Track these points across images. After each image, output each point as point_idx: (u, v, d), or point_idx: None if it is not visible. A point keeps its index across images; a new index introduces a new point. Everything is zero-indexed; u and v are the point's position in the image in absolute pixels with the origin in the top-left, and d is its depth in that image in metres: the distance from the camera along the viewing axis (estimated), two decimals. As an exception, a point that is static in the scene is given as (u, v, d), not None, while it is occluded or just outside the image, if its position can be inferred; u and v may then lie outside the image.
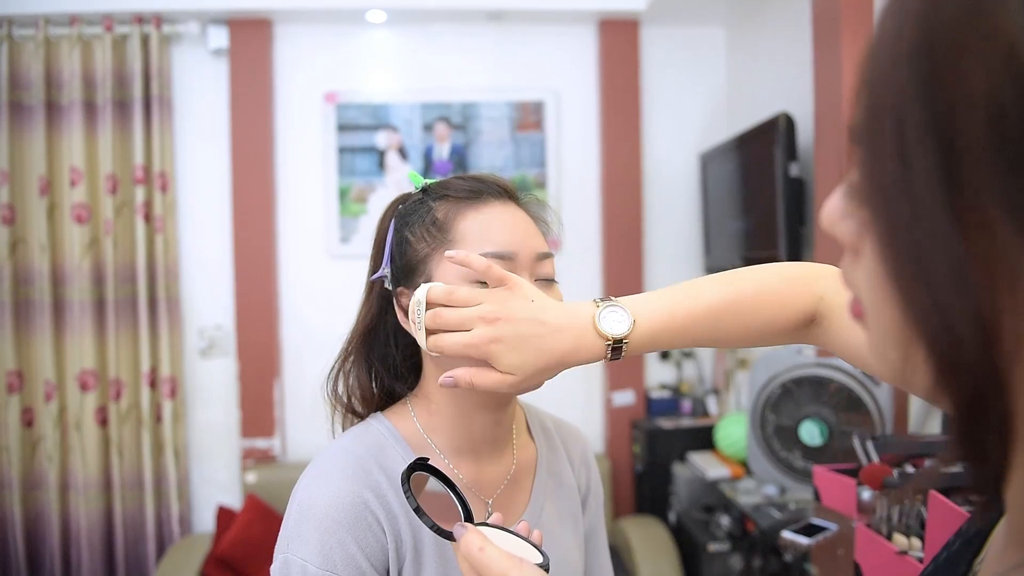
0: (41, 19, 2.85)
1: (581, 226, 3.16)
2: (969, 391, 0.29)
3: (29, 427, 2.91)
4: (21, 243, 2.90)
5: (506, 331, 0.70)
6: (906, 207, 0.29)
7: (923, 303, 0.30)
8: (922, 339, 0.31)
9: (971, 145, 0.27)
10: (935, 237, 0.29)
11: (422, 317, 0.74)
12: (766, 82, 2.83)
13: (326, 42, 3.08)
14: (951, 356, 0.29)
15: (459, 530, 0.66)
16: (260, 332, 3.02)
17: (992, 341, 0.28)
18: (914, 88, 0.29)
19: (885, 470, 1.52)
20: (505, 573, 0.61)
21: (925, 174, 0.28)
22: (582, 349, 0.71)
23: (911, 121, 0.29)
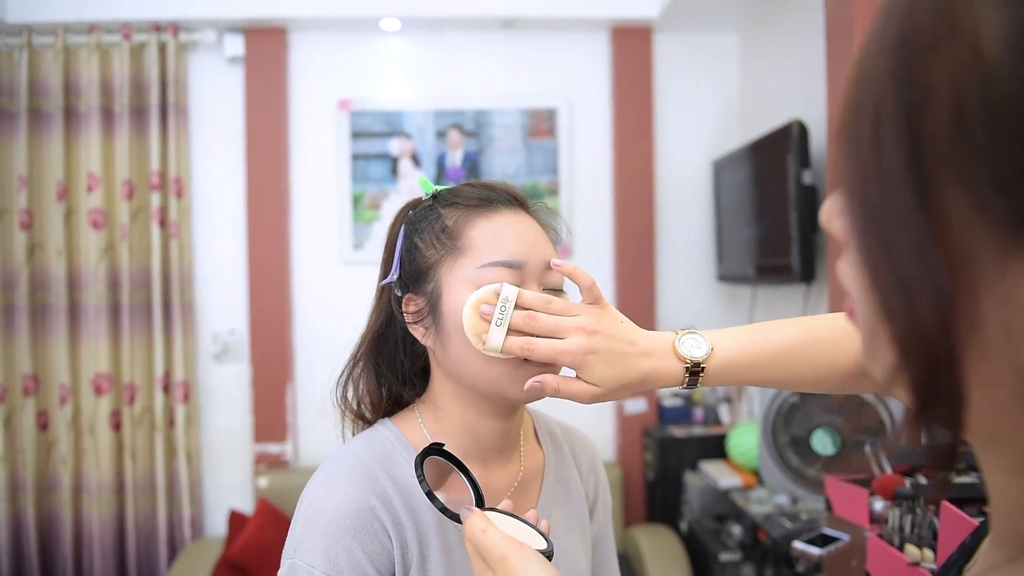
0: (60, 27, 2.89)
1: (593, 233, 3.16)
2: (926, 366, 0.31)
3: (44, 430, 2.93)
4: (38, 248, 2.93)
5: (601, 345, 0.73)
6: (877, 190, 0.32)
7: (887, 280, 0.32)
8: (885, 314, 0.33)
9: (936, 134, 0.29)
10: (901, 218, 0.31)
11: (507, 316, 0.74)
12: (779, 89, 2.82)
13: (340, 50, 3.11)
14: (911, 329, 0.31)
15: (465, 512, 0.68)
16: (273, 337, 3.03)
17: (950, 316, 0.30)
18: (890, 80, 0.31)
19: (897, 480, 1.50)
20: (506, 556, 0.62)
21: (895, 159, 0.31)
22: (663, 371, 0.74)
23: (886, 111, 0.31)
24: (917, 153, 0.30)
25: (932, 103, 0.29)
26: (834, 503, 1.69)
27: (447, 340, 0.81)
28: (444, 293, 0.80)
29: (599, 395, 0.73)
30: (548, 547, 0.68)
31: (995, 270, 0.29)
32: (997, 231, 0.29)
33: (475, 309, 0.76)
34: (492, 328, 0.75)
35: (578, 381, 0.74)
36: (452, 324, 0.79)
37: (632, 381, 0.74)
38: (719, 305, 3.22)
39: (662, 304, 3.19)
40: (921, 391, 0.32)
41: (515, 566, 0.62)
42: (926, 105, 0.30)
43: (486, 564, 0.64)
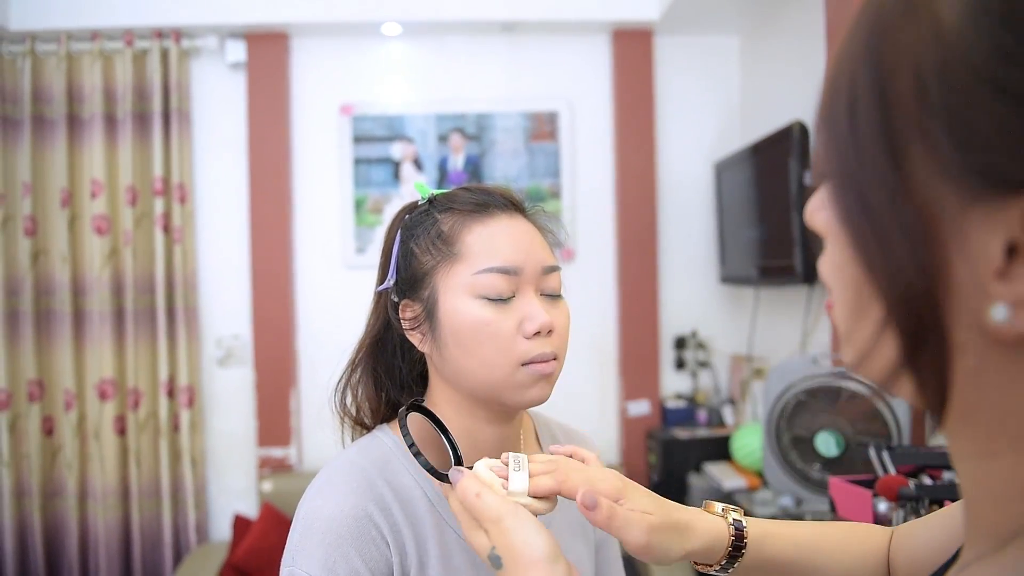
0: (63, 35, 2.90)
1: (595, 235, 3.16)
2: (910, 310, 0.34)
3: (49, 436, 2.94)
4: (42, 254, 2.94)
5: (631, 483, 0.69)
6: (854, 158, 0.35)
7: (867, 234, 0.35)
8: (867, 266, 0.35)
9: (902, 101, 0.32)
10: (876, 178, 0.34)
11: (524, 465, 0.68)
12: (780, 90, 2.82)
13: (342, 55, 3.11)
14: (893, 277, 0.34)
15: (455, 474, 0.67)
16: (277, 342, 3.04)
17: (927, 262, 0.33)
18: (863, 60, 0.34)
19: (901, 481, 1.50)
20: (501, 518, 0.62)
21: (868, 128, 0.34)
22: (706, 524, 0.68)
23: (860, 87, 0.34)
24: (887, 120, 0.33)
25: (898, 74, 0.32)
26: (838, 504, 1.69)
27: (444, 346, 0.80)
28: (440, 299, 0.80)
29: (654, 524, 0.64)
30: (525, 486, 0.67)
31: (957, 225, 0.32)
32: (958, 185, 0.31)
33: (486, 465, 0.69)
34: (511, 473, 0.68)
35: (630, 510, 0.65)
36: (449, 331, 0.79)
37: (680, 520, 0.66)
38: (722, 307, 3.22)
39: (665, 306, 3.19)
40: (908, 337, 0.34)
41: (511, 527, 0.61)
42: (893, 77, 0.33)
43: (476, 523, 0.64)
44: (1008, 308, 0.31)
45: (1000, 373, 0.34)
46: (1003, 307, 0.31)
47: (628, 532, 0.64)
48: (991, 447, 0.36)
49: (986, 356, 0.33)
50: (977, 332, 0.33)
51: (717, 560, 0.68)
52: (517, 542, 0.61)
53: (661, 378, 3.18)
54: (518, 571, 0.61)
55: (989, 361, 0.33)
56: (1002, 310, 0.31)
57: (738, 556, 0.68)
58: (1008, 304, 0.31)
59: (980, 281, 0.32)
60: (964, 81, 0.30)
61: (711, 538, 0.67)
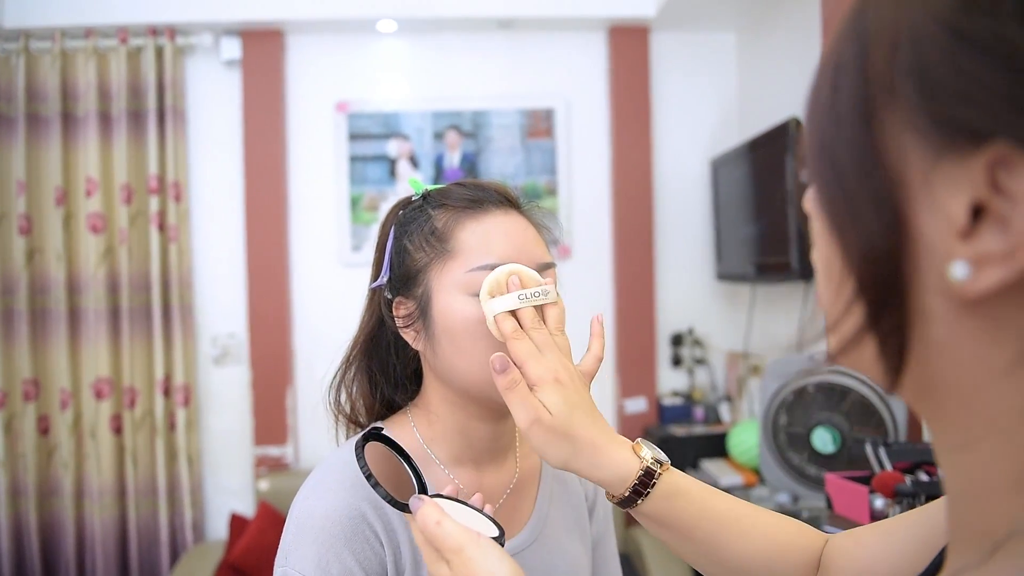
0: (57, 32, 2.89)
1: (592, 232, 3.16)
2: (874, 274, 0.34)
3: (45, 435, 2.93)
4: (38, 252, 2.93)
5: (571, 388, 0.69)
6: (832, 125, 0.35)
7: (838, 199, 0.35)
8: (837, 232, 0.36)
9: (878, 67, 0.33)
10: (849, 144, 0.34)
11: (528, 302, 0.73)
12: (777, 87, 2.82)
13: (337, 52, 3.11)
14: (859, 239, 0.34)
15: (415, 503, 0.65)
16: (273, 340, 3.03)
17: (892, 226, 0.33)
18: (849, 36, 0.35)
19: (897, 477, 1.50)
20: (462, 548, 0.60)
21: (847, 96, 0.34)
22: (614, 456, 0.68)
23: (844, 59, 0.35)
24: (864, 88, 0.34)
25: (877, 43, 0.33)
26: (835, 501, 1.69)
27: (438, 344, 0.80)
28: (434, 297, 0.79)
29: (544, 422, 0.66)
30: (499, 534, 0.66)
31: (924, 182, 0.32)
32: (925, 140, 0.31)
33: (508, 274, 0.74)
34: (511, 295, 0.73)
35: (534, 396, 0.68)
36: (443, 328, 0.79)
37: (583, 437, 0.67)
38: (719, 304, 3.22)
39: (662, 303, 3.18)
40: (871, 299, 0.34)
41: (472, 556, 0.60)
42: (873, 46, 0.33)
43: (438, 555, 0.62)
44: (968, 265, 0.31)
45: (969, 343, 0.33)
46: (963, 264, 0.31)
47: (515, 413, 0.67)
48: (969, 434, 0.35)
49: (955, 326, 0.33)
50: (944, 299, 0.32)
51: (615, 495, 0.68)
52: (479, 571, 0.59)
53: (658, 375, 3.18)
54: None
55: (958, 332, 0.33)
56: (962, 267, 0.31)
57: (636, 500, 0.67)
58: (968, 261, 0.31)
59: (945, 242, 0.31)
60: (930, 33, 0.30)
61: (612, 473, 0.67)
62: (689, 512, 0.68)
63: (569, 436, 0.66)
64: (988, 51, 0.29)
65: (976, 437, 0.35)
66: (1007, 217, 0.29)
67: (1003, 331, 0.32)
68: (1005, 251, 0.29)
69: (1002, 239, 0.30)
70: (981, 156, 0.29)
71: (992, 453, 0.34)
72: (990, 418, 0.34)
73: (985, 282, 0.30)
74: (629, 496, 0.67)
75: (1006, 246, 0.29)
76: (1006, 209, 0.29)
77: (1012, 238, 0.29)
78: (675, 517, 0.68)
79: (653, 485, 0.67)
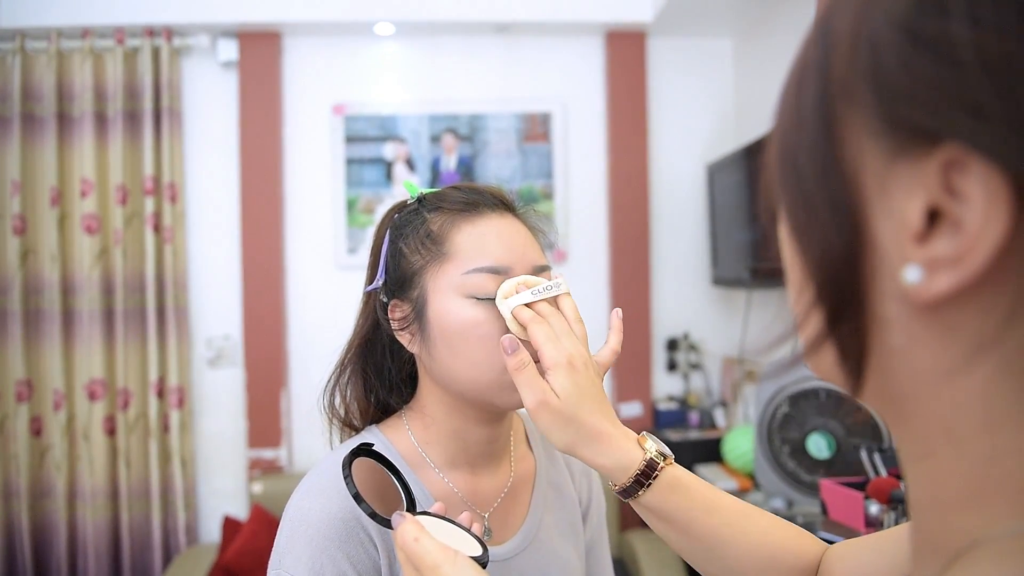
0: (54, 32, 2.88)
1: (588, 237, 3.16)
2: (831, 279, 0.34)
3: (37, 436, 2.92)
4: (32, 253, 2.92)
5: (585, 375, 0.70)
6: (794, 127, 0.35)
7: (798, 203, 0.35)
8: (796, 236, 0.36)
9: (838, 69, 0.33)
10: (810, 147, 0.34)
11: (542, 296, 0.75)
12: (773, 93, 2.79)
13: (334, 54, 3.10)
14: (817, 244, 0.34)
15: (396, 519, 0.65)
16: (268, 342, 3.03)
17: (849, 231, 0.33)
18: (816, 35, 0.35)
19: (892, 483, 1.50)
20: (438, 565, 0.60)
21: (810, 98, 0.34)
22: (618, 445, 0.69)
23: (811, 58, 0.35)
24: (825, 90, 0.33)
25: (839, 44, 0.33)
26: (830, 506, 1.69)
27: (433, 347, 0.80)
28: (430, 300, 0.79)
29: (551, 405, 0.68)
30: (483, 554, 0.66)
31: (880, 185, 0.32)
32: (880, 142, 0.31)
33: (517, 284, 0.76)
34: (525, 292, 0.75)
35: (542, 379, 0.70)
36: (438, 331, 0.79)
37: (587, 425, 0.68)
38: (714, 309, 3.22)
39: (657, 308, 3.19)
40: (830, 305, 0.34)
41: (447, 575, 0.60)
42: (835, 47, 0.33)
43: (418, 573, 0.62)
44: (921, 269, 0.30)
45: (925, 349, 0.32)
46: (915, 268, 0.30)
47: (522, 394, 0.69)
48: (927, 444, 0.34)
49: (912, 332, 0.32)
50: (902, 304, 0.32)
51: (617, 484, 0.70)
52: None
53: (653, 380, 3.18)
54: None
55: (916, 338, 0.32)
56: (915, 271, 0.30)
57: (637, 490, 0.69)
58: (921, 265, 0.30)
59: (901, 247, 0.31)
60: (886, 36, 0.30)
61: (616, 462, 0.69)
62: (689, 507, 0.69)
63: (575, 421, 0.68)
64: (939, 52, 0.28)
65: (933, 448, 0.34)
66: (960, 219, 0.29)
67: (956, 337, 0.31)
68: (957, 254, 0.29)
69: (955, 242, 0.29)
70: (934, 158, 0.29)
71: (948, 464, 0.34)
72: (946, 427, 0.33)
73: (938, 286, 0.30)
74: (631, 486, 0.68)
75: (959, 249, 0.29)
76: (960, 211, 0.29)
77: (964, 241, 0.29)
78: (675, 511, 0.69)
79: (655, 477, 0.68)
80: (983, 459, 0.32)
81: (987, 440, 0.32)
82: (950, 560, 0.34)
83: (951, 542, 0.34)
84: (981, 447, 0.32)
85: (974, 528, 0.33)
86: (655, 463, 0.69)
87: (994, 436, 0.32)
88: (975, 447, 0.32)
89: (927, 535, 0.36)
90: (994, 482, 0.32)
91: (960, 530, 0.34)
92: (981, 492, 0.33)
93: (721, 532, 0.69)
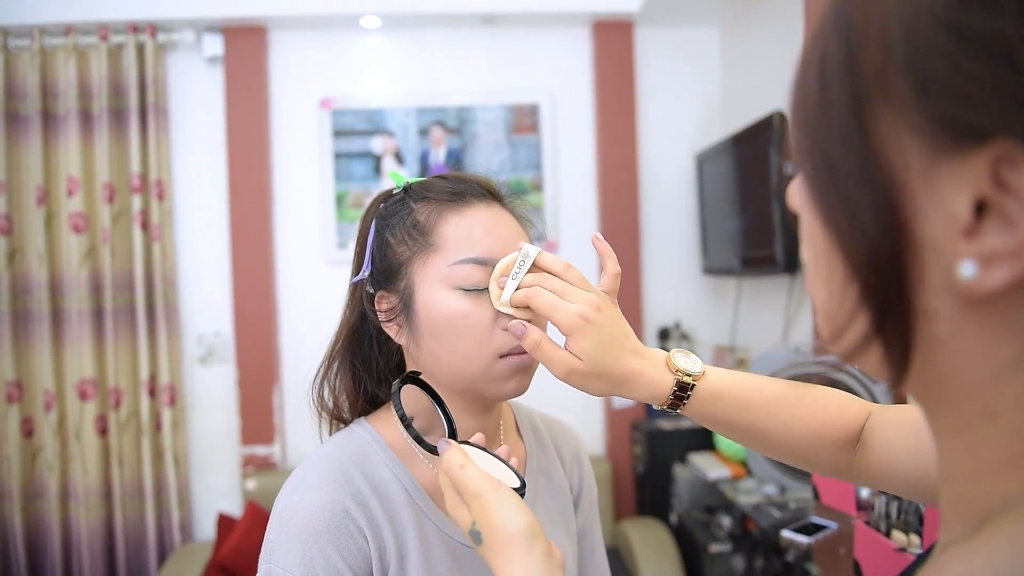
0: (36, 29, 2.86)
1: (578, 227, 3.16)
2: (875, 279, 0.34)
3: (29, 437, 2.91)
4: (19, 253, 2.90)
5: (602, 322, 0.71)
6: (824, 127, 0.35)
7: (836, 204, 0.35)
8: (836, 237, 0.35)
9: (870, 67, 0.32)
10: (844, 146, 0.34)
11: (523, 272, 0.74)
12: (760, 81, 2.83)
13: (321, 48, 3.09)
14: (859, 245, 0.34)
15: (443, 446, 0.67)
16: (259, 338, 3.02)
17: (892, 228, 0.33)
18: (833, 34, 0.34)
19: (883, 467, 1.51)
20: (482, 493, 0.63)
21: (838, 96, 0.34)
22: (650, 377, 0.72)
23: (831, 59, 0.34)
24: (856, 86, 0.33)
25: (866, 39, 0.32)
26: (822, 492, 1.70)
27: (420, 338, 0.79)
28: (416, 291, 0.79)
29: (578, 370, 0.70)
30: (521, 484, 0.68)
31: (926, 185, 0.31)
32: (923, 139, 0.31)
33: (499, 273, 0.76)
34: (508, 282, 0.75)
35: (561, 348, 0.71)
36: (425, 322, 0.78)
37: (616, 373, 0.70)
38: (705, 298, 3.23)
39: (648, 298, 3.19)
40: (877, 304, 0.34)
41: (491, 503, 0.62)
42: (862, 43, 0.33)
43: (460, 498, 0.64)
44: (976, 264, 0.30)
45: (972, 340, 0.33)
46: (971, 263, 0.31)
47: (549, 367, 0.71)
48: (965, 420, 0.35)
49: (958, 323, 0.33)
50: (948, 297, 0.32)
51: (657, 404, 0.74)
52: (497, 518, 0.61)
53: (645, 369, 3.18)
54: (497, 547, 0.61)
55: (961, 329, 0.33)
56: (970, 266, 0.31)
57: (676, 407, 0.73)
58: (976, 260, 0.30)
59: (950, 241, 0.31)
60: (926, 31, 0.30)
61: (650, 393, 0.72)
62: (728, 411, 0.73)
63: (604, 374, 0.70)
64: (988, 49, 0.28)
65: (970, 423, 0.35)
66: (1012, 214, 0.29)
67: (1006, 327, 0.32)
68: (1014, 248, 0.29)
69: (1009, 236, 0.29)
70: (984, 154, 0.29)
71: (984, 437, 0.35)
72: (985, 406, 0.34)
73: (994, 280, 0.30)
74: (669, 407, 0.73)
75: (1014, 243, 0.29)
76: (1011, 206, 0.29)
77: (1020, 235, 0.29)
78: (716, 416, 0.74)
79: (688, 396, 0.72)
80: (1020, 431, 0.33)
81: None
82: (980, 522, 0.35)
83: (984, 505, 0.35)
84: (1018, 421, 0.33)
85: (1008, 491, 0.34)
86: (684, 384, 0.72)
87: None
88: (1012, 421, 0.33)
89: (958, 501, 0.37)
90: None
91: (993, 494, 0.35)
92: (1016, 460, 0.34)
93: (760, 425, 0.73)
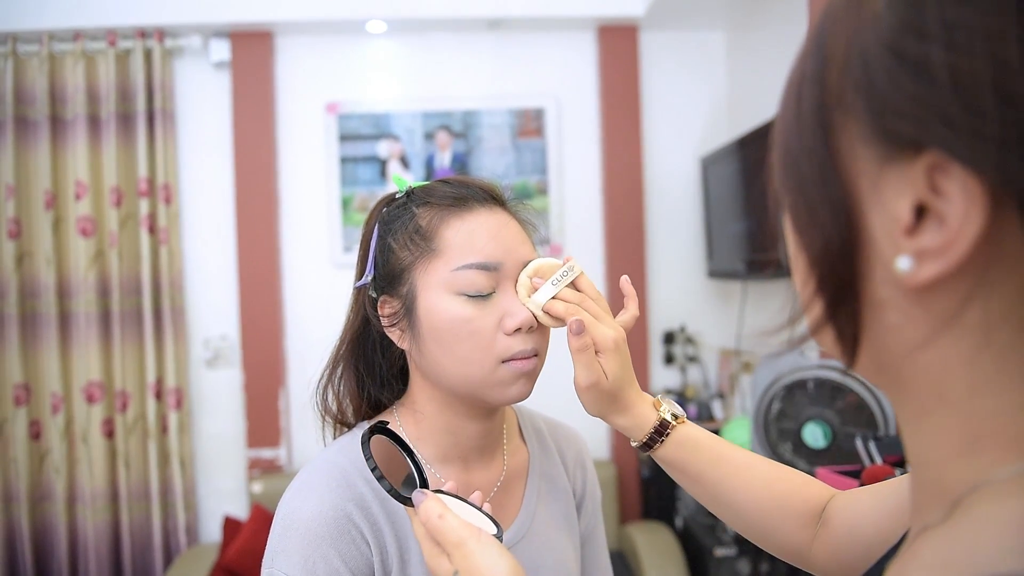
0: (45, 35, 2.88)
1: (583, 231, 3.16)
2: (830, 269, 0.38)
3: (36, 440, 2.92)
4: (27, 256, 2.92)
5: (625, 352, 0.79)
6: (795, 134, 0.39)
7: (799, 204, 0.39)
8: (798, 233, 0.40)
9: (834, 81, 0.37)
10: (809, 152, 0.38)
11: (562, 284, 0.79)
12: (766, 85, 2.83)
13: (327, 53, 3.10)
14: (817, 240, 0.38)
15: (419, 496, 0.66)
16: (265, 342, 3.03)
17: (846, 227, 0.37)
18: (813, 46, 0.38)
19: (888, 471, 1.51)
20: (463, 541, 0.62)
21: (808, 106, 0.38)
22: (639, 411, 0.79)
23: (808, 72, 0.38)
24: (823, 98, 0.37)
25: (835, 59, 0.37)
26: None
27: (423, 343, 0.79)
28: (419, 296, 0.79)
29: (600, 385, 0.76)
30: (498, 531, 0.68)
31: (874, 186, 0.36)
32: (873, 150, 0.35)
33: (533, 271, 0.80)
34: (546, 284, 0.78)
35: (599, 363, 0.77)
36: (428, 328, 0.78)
37: (623, 399, 0.78)
38: (710, 301, 3.22)
39: (653, 302, 3.19)
40: (828, 292, 0.39)
41: (473, 551, 0.61)
42: (831, 61, 0.37)
43: (440, 549, 0.64)
44: (911, 259, 0.34)
45: (919, 328, 0.37)
46: (906, 258, 0.35)
47: (578, 372, 0.77)
48: (922, 405, 0.38)
49: (906, 312, 0.37)
50: (895, 288, 0.36)
51: (636, 440, 0.80)
52: (481, 566, 0.61)
53: (650, 373, 3.19)
54: None
55: (910, 317, 0.37)
56: (906, 260, 0.35)
57: (652, 445, 0.79)
58: (912, 255, 0.34)
59: (893, 239, 0.35)
60: (875, 53, 0.34)
61: (634, 423, 0.79)
62: (697, 460, 0.78)
63: (615, 397, 0.78)
64: (919, 71, 0.32)
65: (928, 408, 0.38)
66: (944, 214, 0.33)
67: (948, 318, 0.36)
68: (942, 245, 0.33)
69: (940, 235, 0.33)
70: (920, 163, 0.33)
71: (943, 422, 0.38)
72: (937, 391, 0.37)
73: (926, 273, 0.34)
74: (646, 442, 0.79)
75: (943, 241, 0.33)
76: (944, 208, 0.33)
77: (948, 233, 0.33)
78: (687, 463, 0.79)
79: (667, 435, 0.78)
80: (974, 417, 0.36)
81: (976, 401, 0.36)
82: (952, 505, 0.37)
83: (951, 490, 0.38)
84: (971, 407, 0.36)
85: (973, 475, 0.37)
86: (666, 423, 0.79)
87: (982, 398, 0.36)
88: (965, 407, 0.37)
89: (927, 486, 0.40)
90: (988, 435, 0.36)
91: (959, 479, 0.37)
92: (977, 443, 0.37)
93: (727, 482, 0.77)
